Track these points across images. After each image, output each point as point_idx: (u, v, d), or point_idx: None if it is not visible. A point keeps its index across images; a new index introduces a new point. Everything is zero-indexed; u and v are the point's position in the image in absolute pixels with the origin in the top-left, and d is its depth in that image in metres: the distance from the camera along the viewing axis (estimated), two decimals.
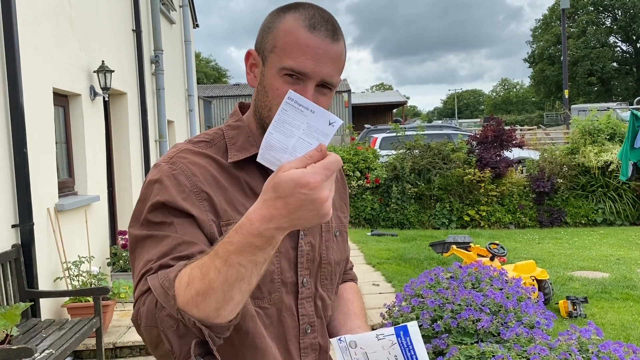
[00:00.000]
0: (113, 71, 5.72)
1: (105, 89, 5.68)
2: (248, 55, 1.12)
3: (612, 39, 47.39)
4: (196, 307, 0.86)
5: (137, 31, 7.22)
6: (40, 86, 4.53)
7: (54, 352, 3.43)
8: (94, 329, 4.01)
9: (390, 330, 1.05)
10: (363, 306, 1.40)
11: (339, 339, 1.10)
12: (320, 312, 1.18)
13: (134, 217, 1.04)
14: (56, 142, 4.94)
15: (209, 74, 51.84)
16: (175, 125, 9.54)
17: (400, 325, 1.05)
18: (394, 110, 39.21)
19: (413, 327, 1.05)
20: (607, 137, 11.14)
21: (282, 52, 1.05)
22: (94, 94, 5.66)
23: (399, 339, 1.04)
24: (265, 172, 1.10)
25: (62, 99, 5.24)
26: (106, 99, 6.04)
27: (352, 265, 1.47)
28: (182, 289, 0.87)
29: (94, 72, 5.65)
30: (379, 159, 11.32)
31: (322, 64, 1.05)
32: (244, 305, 0.91)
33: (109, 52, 6.12)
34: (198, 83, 22.74)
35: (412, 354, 1.04)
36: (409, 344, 1.04)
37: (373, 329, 1.31)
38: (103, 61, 5.67)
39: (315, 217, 0.84)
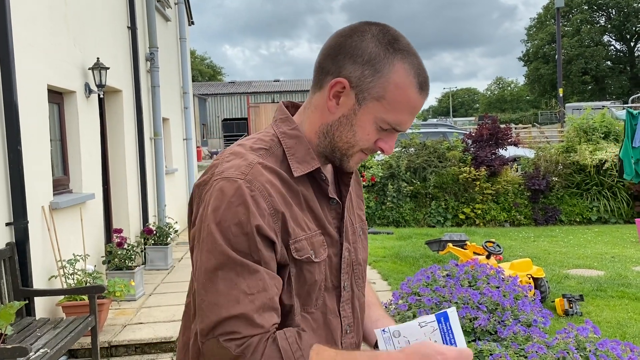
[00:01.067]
0: (108, 68, 5.68)
1: (100, 86, 5.64)
2: (337, 83, 1.07)
3: (606, 38, 47.58)
4: None
5: (132, 28, 7.17)
6: (34, 83, 4.49)
7: (48, 351, 3.40)
8: (89, 328, 3.99)
9: (432, 317, 1.10)
10: (377, 295, 1.44)
11: (383, 330, 1.13)
12: (358, 312, 1.22)
13: (214, 235, 1.00)
14: (51, 140, 4.90)
15: (204, 72, 51.71)
16: (170, 123, 9.50)
17: (441, 312, 1.11)
18: None
19: (452, 312, 1.11)
20: (602, 135, 11.19)
21: (389, 107, 1.06)
22: (89, 91, 5.62)
23: (440, 325, 1.09)
24: (318, 185, 1.13)
25: (56, 96, 5.20)
26: (101, 96, 6.00)
27: None
28: None
29: (89, 69, 5.61)
30: (374, 158, 11.32)
31: (414, 118, 1.12)
32: None
33: (104, 49, 6.08)
34: (193, 81, 22.69)
35: (452, 337, 1.09)
36: (449, 328, 1.09)
37: None
38: (98, 58, 5.63)
39: None
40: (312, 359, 0.98)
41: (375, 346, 1.29)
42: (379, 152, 1.13)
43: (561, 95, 25.71)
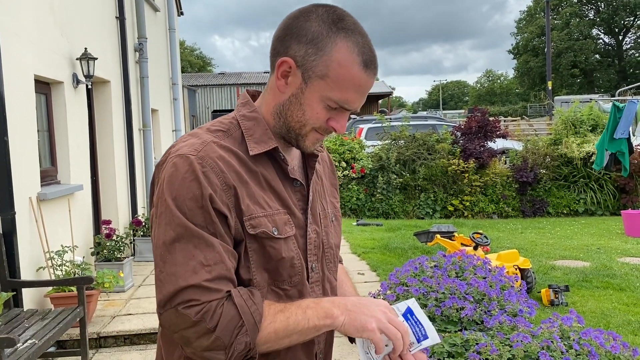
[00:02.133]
0: (96, 59, 5.64)
1: (88, 76, 5.60)
2: (283, 63, 1.11)
3: (594, 31, 47.82)
4: (265, 341, 1.04)
5: (121, 18, 7.11)
6: (21, 73, 4.45)
7: (36, 342, 3.40)
8: (78, 319, 3.98)
9: (398, 311, 1.14)
10: (354, 286, 1.47)
11: None
12: (329, 295, 1.25)
13: (169, 210, 1.04)
14: (38, 130, 4.87)
15: (193, 63, 51.37)
16: (159, 114, 9.45)
17: (402, 305, 1.14)
18: (380, 101, 39.24)
19: (414, 304, 1.14)
20: (589, 128, 11.28)
21: (333, 84, 1.07)
22: (76, 81, 5.58)
23: (408, 320, 1.12)
24: (278, 165, 1.16)
25: (44, 87, 5.16)
26: (89, 86, 5.96)
27: None
28: (266, 325, 1.04)
29: (77, 59, 5.57)
30: (364, 150, 11.34)
31: (364, 98, 1.12)
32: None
33: (92, 40, 6.03)
34: (182, 72, 22.54)
35: (421, 327, 1.11)
36: (417, 320, 1.12)
37: None
38: (86, 48, 5.58)
39: (366, 317, 1.05)
40: (265, 311, 1.04)
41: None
42: (331, 131, 1.14)
43: (550, 88, 25.86)
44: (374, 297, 4.22)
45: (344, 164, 10.72)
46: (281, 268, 1.12)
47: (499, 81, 75.41)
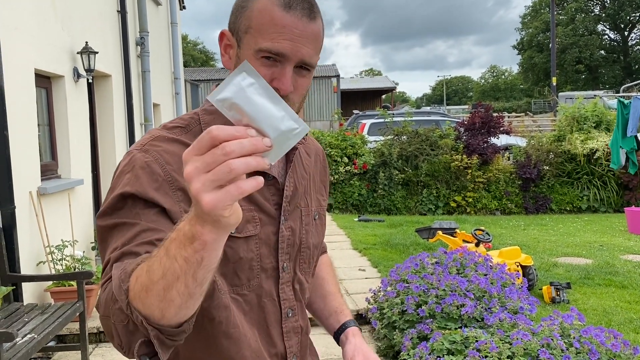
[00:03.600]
0: (97, 52, 5.62)
1: (89, 70, 5.58)
2: (222, 36, 1.08)
3: (600, 27, 47.57)
4: (141, 303, 0.81)
5: (122, 12, 7.09)
6: (21, 67, 4.44)
7: (36, 336, 3.40)
8: (78, 314, 3.98)
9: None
10: (336, 279, 1.42)
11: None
12: (299, 296, 1.18)
13: (102, 208, 1.00)
14: (39, 125, 4.85)
15: (196, 57, 51.31)
16: (161, 109, 9.44)
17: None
18: (383, 96, 39.16)
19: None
20: (594, 124, 11.22)
21: (257, 33, 1.01)
22: (77, 75, 5.57)
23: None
24: None
25: (44, 81, 5.15)
26: (90, 81, 5.94)
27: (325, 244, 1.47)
28: (134, 282, 0.82)
29: (78, 53, 5.55)
30: (367, 145, 11.31)
31: (300, 44, 1.01)
32: (194, 312, 0.84)
33: (93, 33, 6.00)
34: (185, 66, 22.50)
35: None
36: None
37: (358, 313, 1.35)
38: (87, 42, 5.56)
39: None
40: (135, 271, 0.83)
41: (337, 336, 1.32)
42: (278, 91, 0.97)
43: (554, 84, 25.74)
44: (374, 294, 4.21)
45: (345, 160, 10.69)
46: (239, 270, 1.05)
47: (503, 77, 75.17)
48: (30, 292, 4.39)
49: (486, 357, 2.70)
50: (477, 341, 2.87)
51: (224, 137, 0.69)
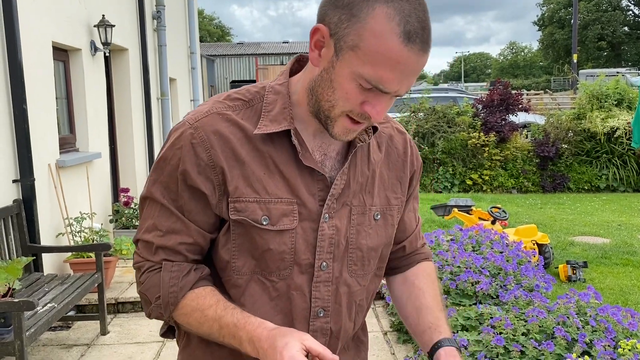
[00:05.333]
0: (114, 26, 5.61)
1: (106, 44, 5.58)
2: (317, 31, 0.96)
3: (624, 3, 46.28)
4: (181, 325, 1.08)
5: None
6: (39, 41, 4.45)
7: (56, 305, 3.47)
8: (96, 284, 4.05)
9: None
10: (437, 291, 1.24)
11: None
12: (342, 299, 1.11)
13: (155, 169, 1.06)
14: (57, 98, 4.88)
15: (212, 32, 51.08)
16: (177, 83, 9.44)
17: None
18: None
19: None
20: (615, 102, 11.00)
21: (366, 58, 0.90)
22: (94, 49, 5.57)
23: None
24: (296, 151, 1.03)
25: (62, 54, 5.16)
26: (107, 54, 5.94)
27: (424, 242, 1.32)
28: (180, 313, 1.05)
29: (94, 26, 5.54)
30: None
31: (407, 79, 0.93)
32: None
33: (109, 7, 5.99)
34: (201, 41, 22.43)
35: None
36: None
37: (454, 339, 1.17)
38: (103, 15, 5.55)
39: None
40: (187, 297, 1.04)
41: (430, 356, 1.13)
42: (367, 117, 0.97)
43: (575, 61, 25.23)
44: None
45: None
46: (268, 259, 1.04)
47: (522, 54, 73.85)
48: (50, 263, 4.47)
49: (500, 333, 2.70)
50: (491, 318, 2.87)
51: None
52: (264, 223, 1.02)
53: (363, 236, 1.11)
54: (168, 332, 1.14)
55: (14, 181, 4.07)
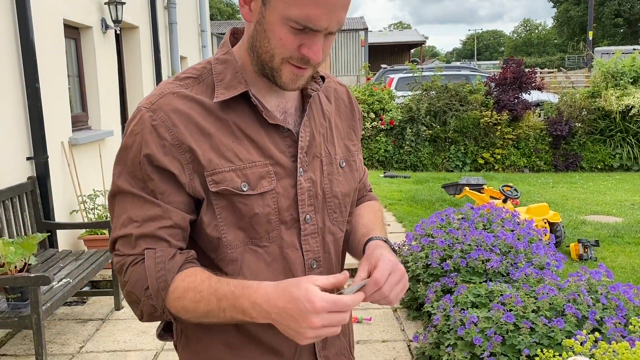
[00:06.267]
0: (124, 3, 5.59)
1: (116, 21, 5.57)
2: None
3: None
4: (176, 311, 1.00)
5: None
6: (50, 18, 4.45)
7: (71, 280, 3.53)
8: (110, 260, 4.10)
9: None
10: (378, 216, 1.28)
11: None
12: (330, 247, 1.14)
13: (118, 162, 1.03)
14: (69, 76, 4.90)
15: (222, 10, 50.69)
16: (188, 62, 9.42)
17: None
18: (412, 51, 38.32)
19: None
20: (631, 80, 10.82)
21: (290, 0, 0.92)
22: (105, 26, 5.56)
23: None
24: (256, 110, 1.04)
25: (73, 32, 5.16)
26: (118, 32, 5.94)
27: (370, 188, 1.38)
28: (173, 298, 0.99)
29: (105, 4, 5.53)
30: (394, 100, 11.14)
31: (334, 13, 0.94)
32: None
33: None
34: (211, 19, 22.26)
35: None
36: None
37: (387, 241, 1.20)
38: None
39: (294, 334, 0.91)
40: (176, 279, 0.99)
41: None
42: (307, 60, 0.98)
43: (591, 38, 24.78)
44: (399, 248, 4.23)
45: (372, 115, 10.57)
46: (256, 224, 1.04)
47: (536, 31, 72.63)
48: (64, 240, 4.54)
49: (510, 310, 2.71)
50: (502, 295, 2.88)
51: (352, 306, 0.92)
52: (245, 189, 1.02)
53: (336, 184, 1.14)
54: (165, 333, 1.09)
55: (27, 159, 4.12)
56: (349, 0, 0.96)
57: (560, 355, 2.06)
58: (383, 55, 34.07)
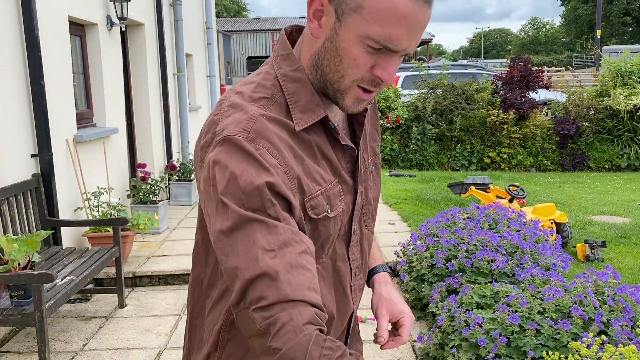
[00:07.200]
0: (130, 0, 5.58)
1: (122, 18, 5.56)
2: (314, 0, 0.93)
3: None
4: None
5: None
6: (55, 15, 4.44)
7: (74, 278, 3.52)
8: (114, 258, 4.10)
9: None
10: (378, 247, 1.33)
11: None
12: (366, 252, 1.15)
13: (226, 193, 0.88)
14: (73, 73, 4.89)
15: (228, 7, 50.72)
16: (193, 59, 9.40)
17: None
18: (418, 49, 38.18)
19: None
20: (639, 79, 10.73)
21: (370, 18, 0.87)
22: (110, 23, 5.55)
23: None
24: (330, 132, 1.00)
25: (78, 28, 5.15)
26: (123, 29, 5.93)
27: None
28: None
29: (110, 1, 5.52)
30: (400, 99, 11.10)
31: (415, 35, 0.90)
32: None
33: None
34: (217, 16, 22.28)
35: None
36: None
37: (388, 266, 1.29)
38: None
39: None
40: None
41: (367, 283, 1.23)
42: (379, 82, 0.94)
43: (599, 37, 24.63)
44: (404, 247, 4.21)
45: (378, 114, 10.53)
46: (325, 244, 1.01)
47: (544, 29, 72.28)
48: (68, 237, 4.54)
49: (516, 312, 2.68)
50: (507, 296, 2.85)
51: None
52: (329, 212, 0.99)
53: (369, 190, 1.13)
54: None
55: (32, 156, 4.12)
56: (427, 21, 0.92)
57: (566, 357, 2.04)
58: None
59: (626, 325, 2.48)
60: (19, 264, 3.14)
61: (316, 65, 0.96)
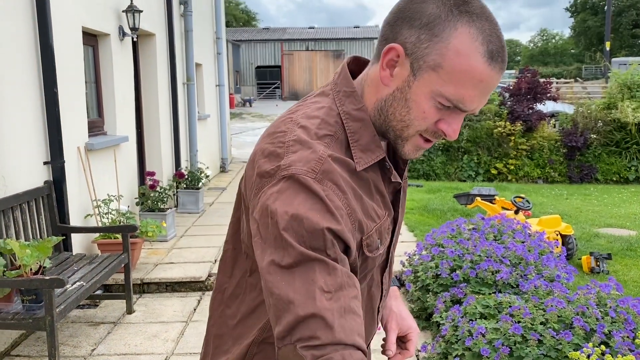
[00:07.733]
0: (142, 11, 5.68)
1: (134, 29, 5.66)
2: (390, 50, 0.94)
3: None
4: None
5: None
6: (69, 25, 4.54)
7: (84, 284, 3.59)
8: (123, 265, 4.16)
9: None
10: None
11: None
12: (392, 275, 1.20)
13: (287, 229, 0.87)
14: (86, 82, 4.99)
15: (238, 17, 51.11)
16: (203, 69, 9.52)
17: None
18: None
19: None
20: None
21: (448, 77, 0.90)
22: (122, 34, 5.66)
23: None
24: (383, 172, 1.03)
25: (91, 39, 5.26)
26: (135, 39, 6.03)
27: None
28: None
29: (123, 11, 5.63)
30: None
31: (485, 98, 0.93)
32: None
33: None
34: (227, 26, 22.48)
35: None
36: None
37: (396, 277, 1.33)
38: (132, 0, 5.63)
39: None
40: None
41: None
42: (441, 135, 0.97)
43: (608, 49, 24.61)
44: (409, 257, 4.24)
45: None
46: (368, 274, 1.04)
47: (553, 41, 72.24)
48: (78, 243, 4.61)
49: (519, 322, 2.71)
50: (510, 306, 2.88)
51: None
52: (379, 246, 1.01)
53: (400, 215, 1.14)
54: None
55: (44, 163, 4.19)
56: (497, 84, 0.96)
57: None
58: None
59: (627, 337, 2.50)
60: (31, 269, 3.21)
61: (381, 110, 0.98)
